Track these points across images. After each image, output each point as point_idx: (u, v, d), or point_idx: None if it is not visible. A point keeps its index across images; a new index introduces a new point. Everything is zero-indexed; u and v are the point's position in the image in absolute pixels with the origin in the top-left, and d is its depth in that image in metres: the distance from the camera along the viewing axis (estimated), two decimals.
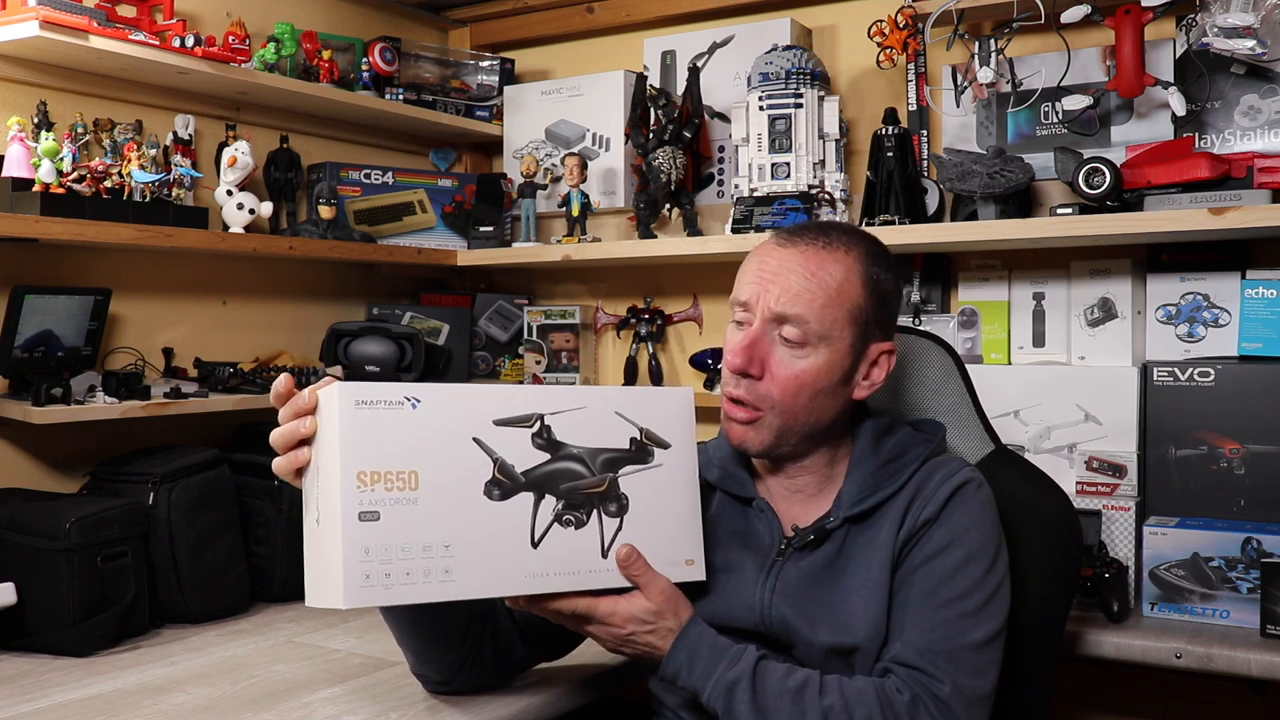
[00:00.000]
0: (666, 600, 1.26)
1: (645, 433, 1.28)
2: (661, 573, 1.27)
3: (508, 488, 1.19)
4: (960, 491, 1.32)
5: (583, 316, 2.59)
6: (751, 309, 1.32)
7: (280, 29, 2.22)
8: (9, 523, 1.67)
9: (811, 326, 1.30)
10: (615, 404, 1.27)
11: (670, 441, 1.30)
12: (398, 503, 1.12)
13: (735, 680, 1.23)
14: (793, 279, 1.30)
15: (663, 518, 1.29)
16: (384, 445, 1.12)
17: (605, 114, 2.56)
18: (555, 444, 1.22)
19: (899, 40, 2.12)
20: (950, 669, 1.23)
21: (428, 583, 1.13)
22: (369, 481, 1.10)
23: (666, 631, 1.26)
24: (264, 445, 2.06)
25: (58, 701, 1.43)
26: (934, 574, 1.28)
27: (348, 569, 1.08)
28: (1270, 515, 1.77)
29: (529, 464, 1.20)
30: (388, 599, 1.11)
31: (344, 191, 2.46)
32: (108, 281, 2.01)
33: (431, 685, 1.42)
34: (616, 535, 1.25)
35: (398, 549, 1.11)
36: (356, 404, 1.11)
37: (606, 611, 1.24)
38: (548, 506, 1.21)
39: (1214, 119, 1.97)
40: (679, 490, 1.31)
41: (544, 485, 1.21)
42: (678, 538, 1.30)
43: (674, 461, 1.30)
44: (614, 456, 1.26)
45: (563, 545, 1.21)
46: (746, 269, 1.35)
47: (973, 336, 2.16)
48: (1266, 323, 1.81)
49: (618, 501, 1.26)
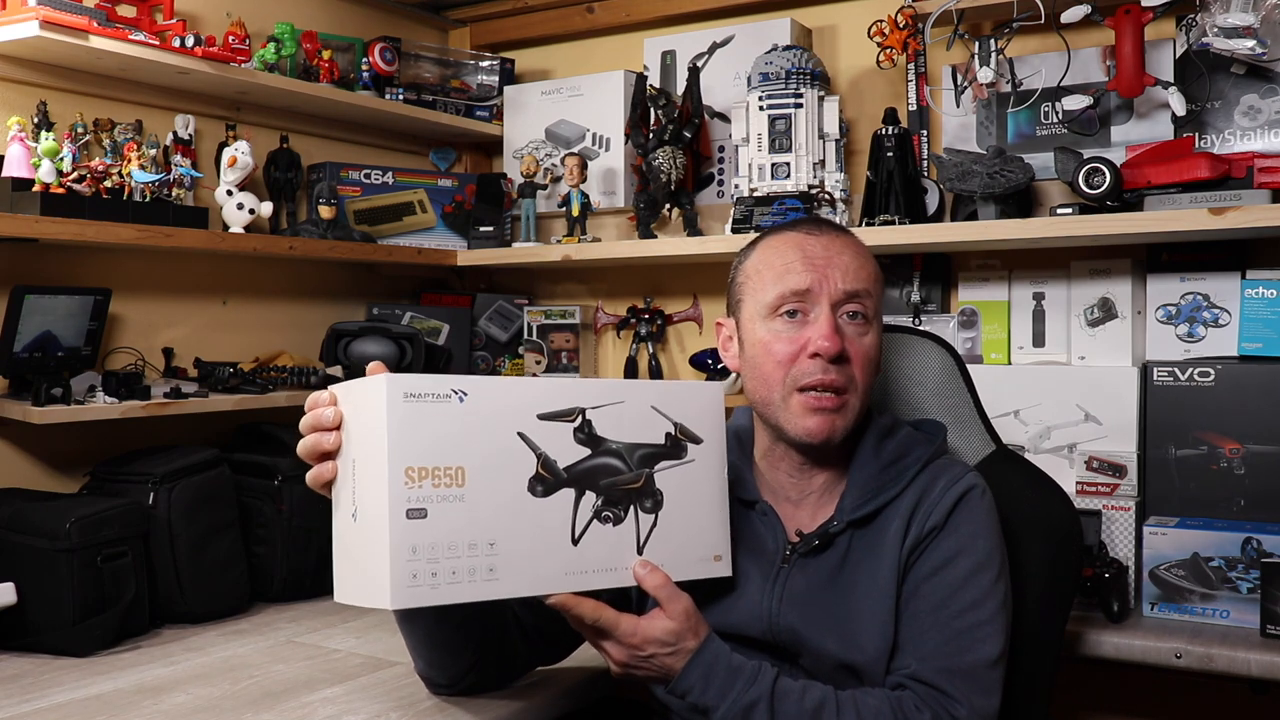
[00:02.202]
0: (687, 619, 1.23)
1: (679, 427, 1.27)
2: (692, 569, 1.26)
3: (551, 484, 1.16)
4: (965, 499, 1.32)
5: (583, 316, 2.59)
6: (815, 295, 1.31)
7: (280, 29, 2.22)
8: (9, 523, 1.67)
9: (873, 300, 1.34)
10: (651, 398, 1.26)
11: (702, 436, 1.29)
12: (445, 500, 1.09)
13: (753, 702, 1.21)
14: (847, 258, 1.33)
15: (694, 513, 1.28)
16: (432, 440, 1.09)
17: (605, 114, 2.56)
18: (595, 439, 1.20)
19: (899, 40, 2.12)
20: (966, 689, 1.24)
21: (473, 581, 1.11)
22: (417, 478, 1.08)
23: (685, 653, 1.23)
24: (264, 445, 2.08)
25: (58, 701, 1.43)
26: (944, 586, 1.28)
27: (395, 568, 1.06)
28: (1270, 515, 1.77)
29: (571, 459, 1.18)
30: (435, 598, 1.09)
31: (344, 191, 2.46)
32: (108, 281, 2.01)
33: (437, 688, 1.42)
34: (652, 531, 1.24)
35: (444, 547, 1.09)
36: (405, 397, 1.07)
37: (628, 630, 1.21)
38: (588, 503, 1.19)
39: (1214, 119, 1.97)
40: (710, 485, 1.29)
41: (585, 481, 1.19)
42: (708, 533, 1.29)
43: (705, 456, 1.29)
44: (650, 452, 1.25)
45: (601, 542, 1.20)
46: (787, 261, 1.33)
47: (973, 336, 2.16)
48: (1266, 323, 1.81)
49: (653, 497, 1.24)
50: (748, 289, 1.37)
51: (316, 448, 1.13)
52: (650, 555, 1.24)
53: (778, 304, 1.33)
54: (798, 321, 1.32)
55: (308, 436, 1.15)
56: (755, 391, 1.36)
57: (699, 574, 1.28)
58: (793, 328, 1.32)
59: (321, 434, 1.13)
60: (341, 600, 1.15)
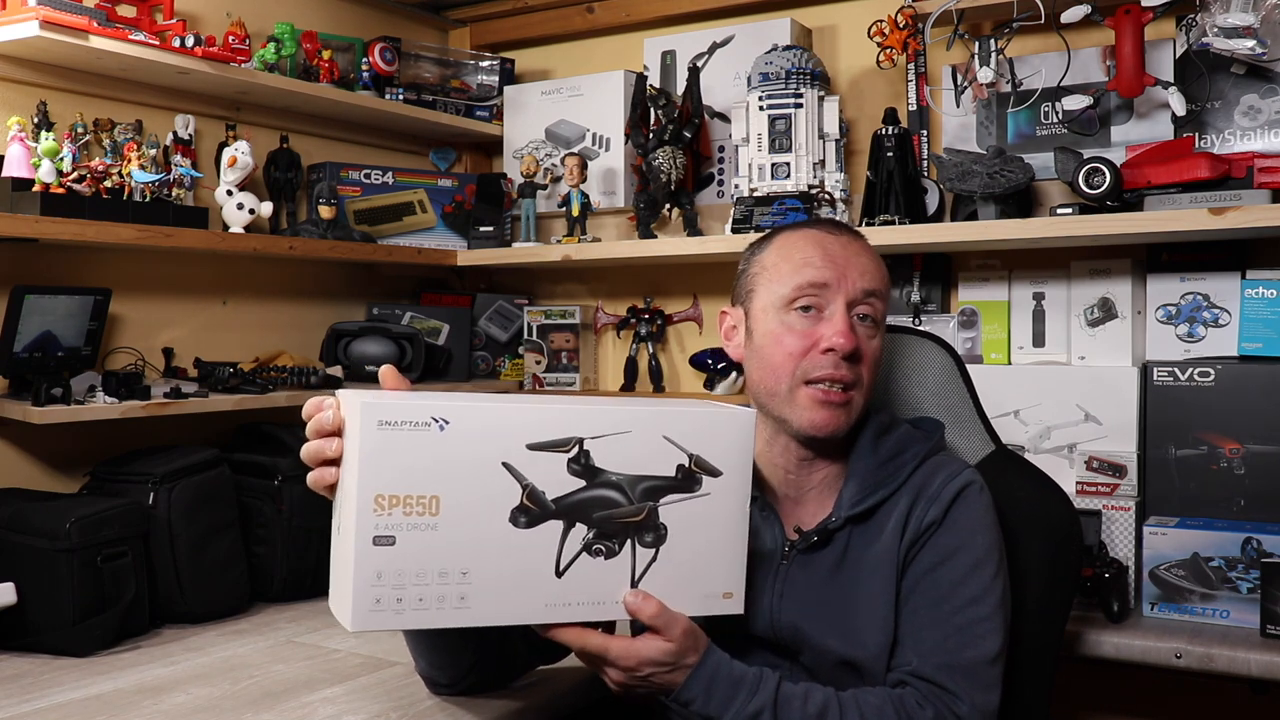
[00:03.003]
0: (686, 639, 1.19)
1: (695, 460, 1.19)
2: (696, 605, 1.21)
3: (535, 515, 1.12)
4: (963, 494, 1.32)
5: (583, 316, 2.60)
6: (830, 292, 1.32)
7: (280, 29, 2.22)
8: (9, 523, 1.67)
9: (882, 305, 1.36)
10: (665, 428, 1.17)
11: (723, 469, 1.20)
12: (415, 528, 1.07)
13: (757, 712, 1.20)
14: (865, 260, 1.35)
15: (703, 549, 1.20)
16: (405, 469, 1.06)
17: (605, 114, 2.56)
18: (593, 470, 1.14)
19: (899, 40, 2.12)
20: (968, 685, 1.24)
21: (441, 609, 1.08)
22: (386, 506, 1.06)
23: (685, 669, 1.21)
24: (264, 445, 2.08)
25: (58, 701, 1.43)
26: (943, 581, 1.28)
27: (357, 592, 1.05)
28: (1270, 515, 1.77)
29: (561, 491, 1.13)
30: (398, 624, 1.08)
31: (344, 191, 2.46)
32: (108, 281, 2.01)
33: (438, 688, 1.42)
34: (650, 567, 1.18)
35: (411, 574, 1.07)
36: (379, 424, 1.05)
37: (620, 653, 1.18)
38: (577, 535, 1.14)
39: (1214, 119, 1.97)
40: (727, 520, 1.21)
41: (575, 513, 1.14)
42: (717, 569, 1.22)
43: (724, 490, 1.20)
44: (656, 485, 1.17)
45: (589, 575, 1.15)
46: (806, 255, 1.34)
47: (973, 336, 2.16)
48: (1266, 323, 1.81)
49: (655, 532, 1.18)
50: (762, 280, 1.37)
51: (320, 454, 1.13)
52: (647, 589, 1.18)
53: (794, 296, 1.33)
54: (811, 316, 1.32)
55: (312, 441, 1.14)
56: (761, 382, 1.36)
57: (704, 611, 1.22)
58: (807, 322, 1.32)
59: (325, 440, 1.13)
60: (330, 607, 1.15)
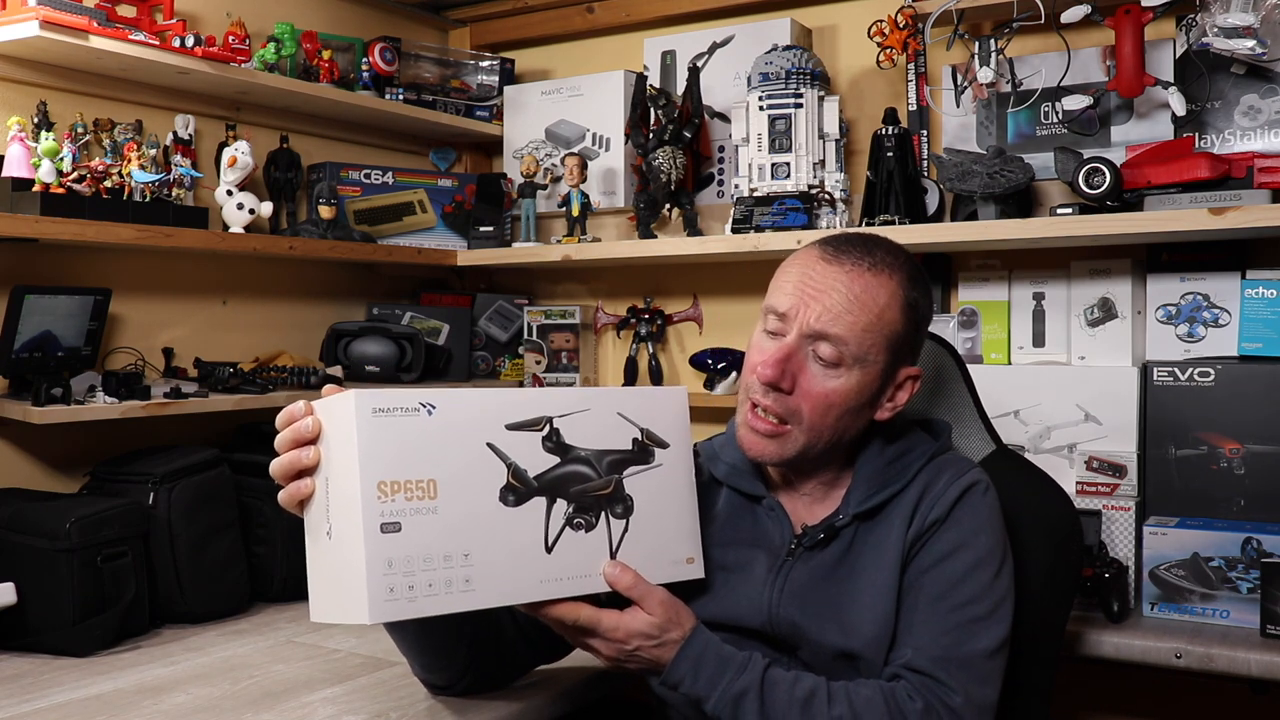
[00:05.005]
0: (668, 611, 1.24)
1: (646, 433, 1.28)
2: (665, 572, 1.27)
3: (522, 493, 1.18)
4: (968, 493, 1.32)
5: (583, 316, 2.59)
6: (789, 321, 1.30)
7: (280, 29, 2.22)
8: (9, 523, 1.67)
9: (849, 349, 1.28)
10: (617, 404, 1.27)
11: (669, 441, 1.30)
12: (418, 512, 1.10)
13: (743, 691, 1.22)
14: (835, 298, 1.28)
15: (665, 517, 1.29)
16: (402, 453, 1.09)
17: (605, 114, 2.56)
18: (564, 447, 1.22)
19: (899, 40, 2.12)
20: (962, 678, 1.24)
21: (449, 593, 1.11)
22: (389, 492, 1.08)
23: (672, 644, 1.24)
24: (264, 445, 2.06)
25: (58, 701, 1.43)
26: (943, 578, 1.28)
27: (372, 583, 1.06)
28: (1270, 515, 1.77)
29: (540, 468, 1.19)
30: (412, 611, 1.09)
31: (344, 191, 2.46)
32: (108, 281, 2.01)
33: (435, 689, 1.43)
34: (624, 537, 1.25)
35: (420, 560, 1.09)
36: (374, 412, 1.08)
37: (610, 626, 1.22)
38: (559, 510, 1.20)
39: (1214, 119, 1.97)
40: (678, 489, 1.31)
41: (555, 489, 1.20)
42: (679, 536, 1.31)
43: (672, 460, 1.30)
44: (618, 458, 1.26)
45: (575, 549, 1.21)
46: (786, 277, 1.33)
47: (973, 336, 2.16)
48: (1266, 323, 1.81)
49: (623, 503, 1.25)
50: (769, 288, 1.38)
51: (295, 464, 1.13)
52: (623, 560, 1.24)
53: (765, 314, 1.34)
54: (774, 340, 1.31)
55: (285, 454, 1.14)
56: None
57: (672, 577, 1.29)
58: (768, 343, 1.32)
59: (301, 449, 1.13)
60: (318, 619, 1.15)
